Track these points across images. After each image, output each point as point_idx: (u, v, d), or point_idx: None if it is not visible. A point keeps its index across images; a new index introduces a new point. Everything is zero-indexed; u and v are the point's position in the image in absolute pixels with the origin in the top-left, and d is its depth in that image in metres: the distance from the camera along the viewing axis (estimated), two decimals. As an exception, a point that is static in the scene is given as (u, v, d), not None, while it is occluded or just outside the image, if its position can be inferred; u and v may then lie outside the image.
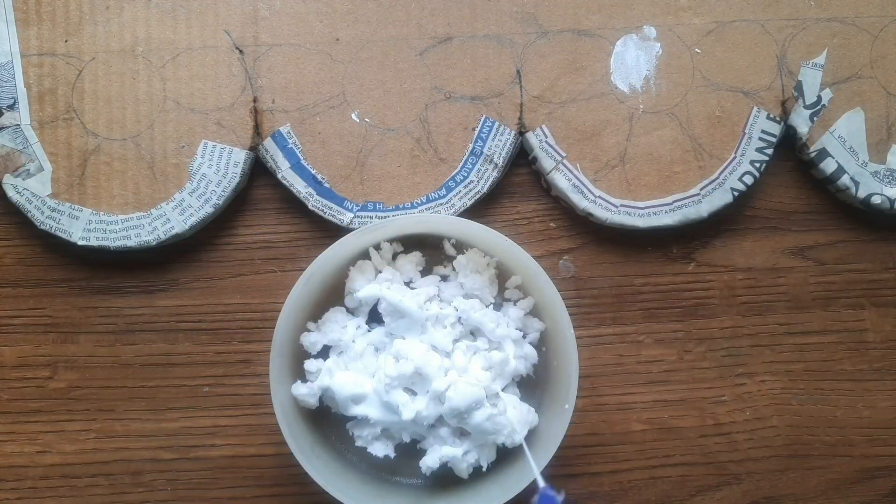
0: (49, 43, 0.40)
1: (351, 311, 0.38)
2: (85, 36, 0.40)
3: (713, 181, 0.40)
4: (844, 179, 0.40)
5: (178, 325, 0.41)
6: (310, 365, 0.37)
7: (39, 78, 0.40)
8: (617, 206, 0.40)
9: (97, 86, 0.40)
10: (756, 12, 0.41)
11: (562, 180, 0.40)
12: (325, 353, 0.38)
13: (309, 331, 0.37)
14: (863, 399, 0.42)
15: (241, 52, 0.40)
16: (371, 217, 0.40)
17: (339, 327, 0.37)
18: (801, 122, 0.41)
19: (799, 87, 0.41)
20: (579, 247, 0.42)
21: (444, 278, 0.39)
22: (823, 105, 0.41)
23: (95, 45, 0.40)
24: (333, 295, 0.38)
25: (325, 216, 0.40)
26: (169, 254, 0.41)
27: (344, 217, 0.40)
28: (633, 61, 0.41)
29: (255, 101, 0.40)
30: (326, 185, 0.40)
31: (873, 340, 0.42)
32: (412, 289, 0.37)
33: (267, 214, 0.41)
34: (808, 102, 0.41)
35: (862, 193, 0.41)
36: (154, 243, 0.39)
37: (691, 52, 0.41)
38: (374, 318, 0.38)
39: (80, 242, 0.39)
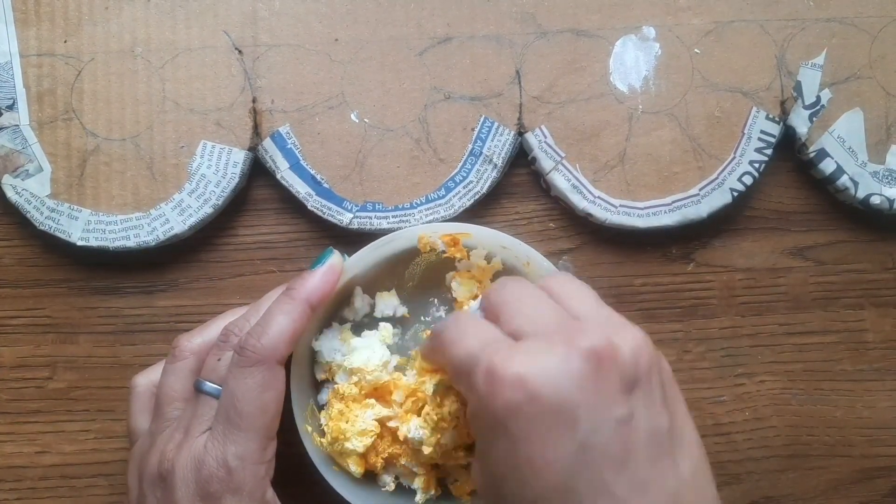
0: (48, 43, 0.40)
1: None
2: (84, 36, 0.40)
3: (712, 181, 0.40)
4: (844, 180, 0.41)
5: (177, 325, 0.41)
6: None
7: (38, 78, 0.40)
8: (616, 207, 0.40)
9: (96, 86, 0.40)
10: (755, 13, 0.41)
11: (561, 180, 0.40)
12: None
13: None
14: (862, 399, 0.42)
15: (240, 52, 0.40)
16: (370, 217, 0.40)
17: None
18: (800, 122, 0.41)
19: (798, 87, 0.41)
20: (578, 247, 0.42)
21: None
22: (822, 105, 0.41)
23: (95, 45, 0.40)
24: (344, 304, 0.38)
25: (325, 216, 0.40)
26: (168, 254, 0.41)
27: (343, 217, 0.40)
28: (632, 62, 0.41)
29: (254, 101, 0.40)
30: (326, 185, 0.40)
31: (873, 340, 0.42)
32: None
33: (266, 215, 0.41)
34: (807, 103, 0.41)
35: (861, 194, 0.41)
36: (153, 244, 0.39)
37: (690, 52, 0.41)
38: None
39: (79, 243, 0.39)
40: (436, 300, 0.39)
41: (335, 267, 0.34)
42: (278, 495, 0.32)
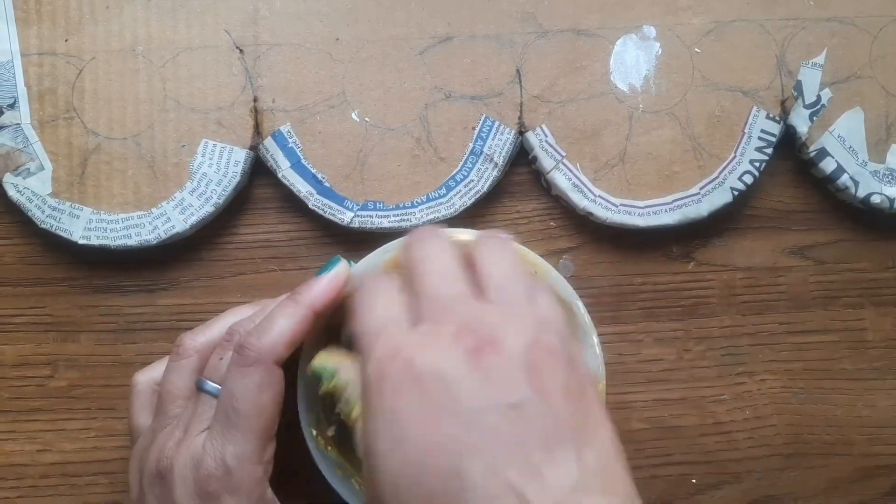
0: (49, 42, 0.40)
1: None
2: (85, 35, 0.40)
3: (713, 180, 0.40)
4: (844, 179, 0.41)
5: (179, 323, 0.41)
6: None
7: (40, 77, 0.40)
8: (617, 206, 0.40)
9: (97, 85, 0.40)
10: (755, 12, 0.41)
11: (562, 179, 0.40)
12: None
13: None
14: (862, 398, 0.42)
15: (241, 51, 0.40)
16: (371, 216, 0.40)
17: None
18: (800, 121, 0.41)
19: (798, 86, 0.41)
20: (579, 246, 0.42)
21: None
22: (823, 105, 0.41)
23: (96, 44, 0.40)
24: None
25: (326, 215, 0.40)
26: (169, 253, 0.41)
27: (344, 216, 0.40)
28: (632, 61, 0.41)
29: (255, 100, 0.40)
30: (327, 184, 0.40)
31: (873, 339, 0.42)
32: None
33: (267, 213, 0.41)
34: (807, 102, 0.41)
35: (861, 193, 0.41)
36: (155, 242, 0.39)
37: (691, 51, 0.41)
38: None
39: (80, 241, 0.39)
40: None
41: (340, 275, 0.34)
42: (277, 496, 0.32)
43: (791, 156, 0.42)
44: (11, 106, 0.40)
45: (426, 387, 0.25)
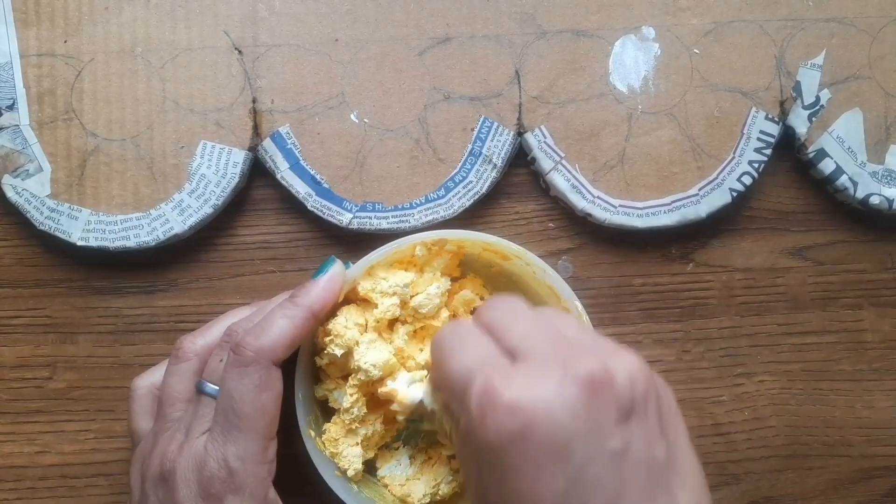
0: (48, 43, 0.40)
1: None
2: (84, 36, 0.40)
3: (712, 181, 0.40)
4: (843, 180, 0.41)
5: (177, 325, 0.41)
6: None
7: (39, 78, 0.40)
8: (616, 207, 0.40)
9: (96, 86, 0.40)
10: (755, 13, 0.41)
11: (560, 181, 0.40)
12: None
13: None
14: (861, 399, 0.42)
15: (240, 52, 0.40)
16: (370, 217, 0.40)
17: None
18: (799, 122, 0.41)
19: (797, 87, 0.41)
20: (578, 247, 0.42)
21: None
22: (822, 105, 0.41)
23: (95, 45, 0.40)
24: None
25: (325, 216, 0.40)
26: (168, 254, 0.41)
27: (343, 217, 0.40)
28: (631, 62, 0.41)
29: (254, 101, 0.40)
30: (325, 185, 0.40)
31: (872, 340, 0.42)
32: None
33: (266, 215, 0.41)
34: (806, 103, 0.41)
35: (860, 194, 0.41)
36: (153, 244, 0.39)
37: (690, 52, 0.41)
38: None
39: (79, 243, 0.39)
40: None
41: (336, 277, 0.34)
42: (279, 495, 0.32)
43: (790, 157, 0.42)
44: (10, 107, 0.40)
45: (537, 436, 0.24)
